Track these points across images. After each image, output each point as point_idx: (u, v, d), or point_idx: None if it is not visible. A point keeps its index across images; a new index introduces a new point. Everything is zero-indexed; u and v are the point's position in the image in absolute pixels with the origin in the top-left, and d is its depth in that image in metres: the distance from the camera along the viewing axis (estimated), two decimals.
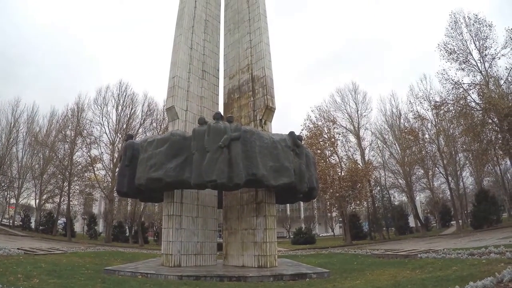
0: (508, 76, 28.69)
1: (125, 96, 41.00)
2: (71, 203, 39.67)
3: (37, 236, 33.12)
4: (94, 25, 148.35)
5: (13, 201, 44.30)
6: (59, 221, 45.63)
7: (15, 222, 42.55)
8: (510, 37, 27.38)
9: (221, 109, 16.01)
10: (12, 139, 40.49)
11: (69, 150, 38.42)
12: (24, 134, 42.27)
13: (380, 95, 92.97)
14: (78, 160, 38.91)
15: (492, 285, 5.86)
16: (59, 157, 39.03)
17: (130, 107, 40.99)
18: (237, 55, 16.17)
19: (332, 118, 39.08)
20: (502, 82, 29.09)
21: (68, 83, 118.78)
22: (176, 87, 14.05)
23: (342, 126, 40.18)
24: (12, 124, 41.06)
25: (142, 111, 41.48)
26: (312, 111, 39.78)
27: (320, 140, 36.14)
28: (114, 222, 43.14)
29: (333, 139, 36.74)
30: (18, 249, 14.09)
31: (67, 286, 7.07)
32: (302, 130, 36.58)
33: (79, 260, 13.88)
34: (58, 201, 41.12)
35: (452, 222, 44.53)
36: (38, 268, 9.46)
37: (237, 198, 14.10)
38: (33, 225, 42.64)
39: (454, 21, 30.63)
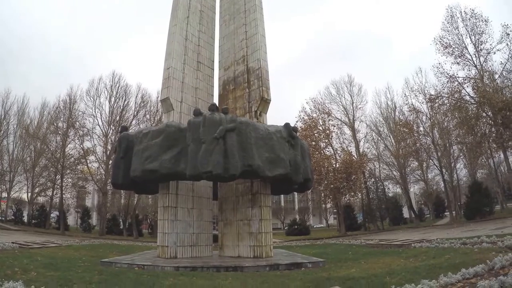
0: (503, 70, 29.04)
1: (118, 87, 40.33)
2: (63, 196, 39.05)
3: (30, 230, 32.75)
4: (87, 14, 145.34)
5: (4, 195, 43.47)
6: (51, 215, 44.97)
7: (7, 217, 41.70)
8: (506, 33, 27.66)
9: (216, 101, 15.86)
10: (2, 131, 39.67)
11: (61, 143, 37.74)
12: (15, 126, 41.46)
13: (375, 88, 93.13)
14: (70, 153, 38.23)
15: (484, 272, 6.01)
16: (51, 149, 38.32)
17: (123, 98, 40.35)
18: (233, 46, 16.02)
19: (327, 110, 39.09)
20: (496, 76, 29.46)
21: (60, 74, 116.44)
22: (171, 78, 13.93)
23: (337, 118, 40.29)
24: (2, 116, 40.25)
25: (135, 102, 40.96)
26: (307, 103, 39.77)
27: (315, 132, 36.16)
28: (108, 215, 42.63)
29: (327, 131, 36.83)
30: (12, 243, 13.98)
31: (65, 279, 7.06)
32: (297, 122, 36.56)
33: (75, 253, 13.86)
34: (51, 194, 40.51)
35: (445, 213, 45.14)
36: (34, 262, 9.43)
37: (232, 189, 14.11)
38: (25, 219, 41.98)
39: (451, 15, 30.88)
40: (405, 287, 5.38)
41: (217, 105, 14.16)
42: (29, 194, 41.43)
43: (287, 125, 12.73)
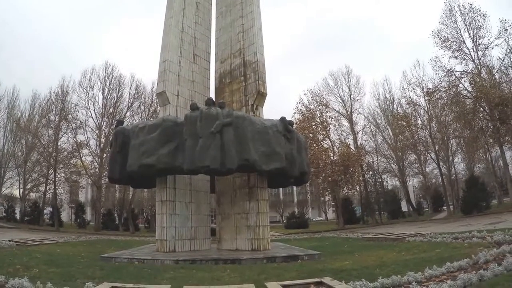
0: (500, 65, 29.05)
1: (112, 78, 39.35)
2: (57, 191, 38.25)
3: (23, 227, 32.10)
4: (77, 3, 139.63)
5: None
6: (44, 211, 43.67)
7: None
8: (504, 28, 27.58)
9: (212, 94, 15.95)
10: None
11: (53, 136, 36.95)
12: (5, 120, 39.91)
13: (373, 80, 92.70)
14: (63, 146, 37.52)
15: (468, 266, 6.26)
16: (43, 143, 37.37)
17: (117, 89, 39.48)
18: (229, 39, 16.00)
19: (324, 102, 38.93)
20: (494, 71, 29.38)
21: (50, 65, 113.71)
22: (167, 71, 13.89)
23: (335, 110, 40.21)
24: None
25: (129, 94, 40.14)
26: (304, 94, 39.67)
27: (313, 124, 36.09)
28: (103, 210, 41.92)
29: (325, 123, 36.78)
30: (9, 241, 14.08)
31: (68, 274, 7.22)
32: (294, 113, 36.45)
33: (73, 249, 13.97)
34: (44, 189, 39.57)
35: (444, 207, 45.36)
36: (34, 259, 9.52)
37: (230, 183, 14.25)
38: (18, 216, 40.57)
39: (449, 9, 30.67)
40: (392, 278, 5.60)
41: (214, 98, 14.26)
42: (21, 190, 40.08)
43: (283, 119, 12.81)
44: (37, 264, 8.51)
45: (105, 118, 38.52)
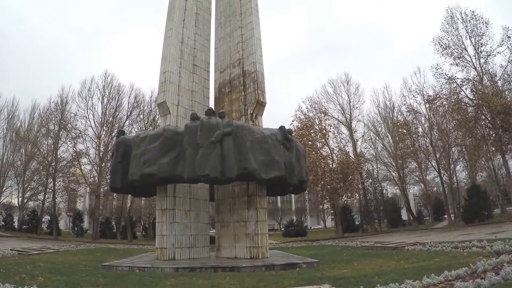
0: (503, 73, 28.86)
1: (111, 87, 39.73)
2: (55, 200, 38.04)
3: (22, 236, 32.11)
4: (74, 11, 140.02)
5: None
6: (42, 219, 43.36)
7: None
8: (507, 35, 27.44)
9: (211, 103, 16.07)
10: None
11: (53, 145, 37.05)
12: (5, 130, 40.12)
13: (373, 87, 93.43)
14: (62, 156, 37.53)
15: (466, 275, 6.31)
16: (43, 152, 37.43)
17: (116, 99, 39.75)
18: (228, 49, 16.17)
19: (323, 110, 39.07)
20: (496, 79, 29.16)
21: (49, 74, 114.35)
22: (168, 82, 14.03)
23: (334, 117, 40.20)
24: None
25: (128, 103, 40.42)
26: (303, 102, 39.79)
27: (311, 131, 36.15)
28: (101, 218, 41.82)
29: (324, 131, 36.81)
30: (11, 250, 14.20)
31: (73, 282, 7.32)
32: (293, 121, 36.66)
33: (74, 258, 14.10)
34: (43, 198, 39.56)
35: (445, 216, 45.05)
36: (38, 268, 9.65)
37: (229, 191, 14.30)
38: (16, 224, 40.45)
39: (451, 16, 30.55)
40: (389, 286, 5.66)
41: (213, 107, 14.41)
42: (20, 199, 39.97)
43: (282, 128, 12.95)
44: (41, 272, 8.63)
45: (104, 127, 38.71)
